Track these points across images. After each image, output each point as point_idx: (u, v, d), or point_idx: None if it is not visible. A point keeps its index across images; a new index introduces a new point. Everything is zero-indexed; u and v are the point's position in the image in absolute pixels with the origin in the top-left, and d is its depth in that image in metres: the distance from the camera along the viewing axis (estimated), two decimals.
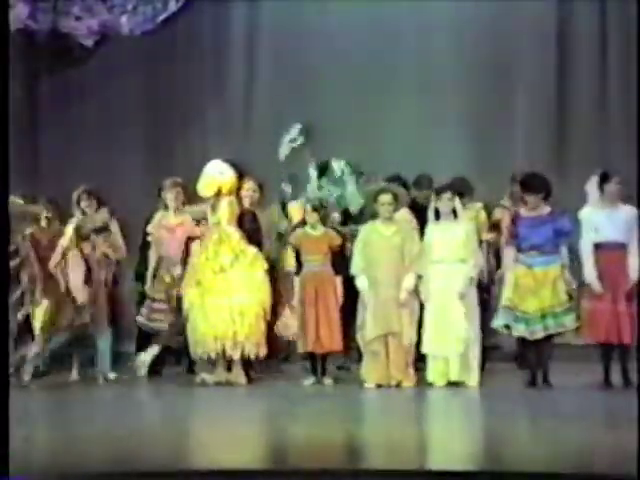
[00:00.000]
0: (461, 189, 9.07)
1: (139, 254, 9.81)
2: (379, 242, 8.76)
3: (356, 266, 8.78)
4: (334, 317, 8.83)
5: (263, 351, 8.87)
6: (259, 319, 8.86)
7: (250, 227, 9.30)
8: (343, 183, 9.59)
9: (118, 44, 11.30)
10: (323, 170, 9.74)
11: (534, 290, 8.40)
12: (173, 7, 11.19)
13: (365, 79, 11.40)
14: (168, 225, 9.46)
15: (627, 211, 8.54)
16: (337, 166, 9.64)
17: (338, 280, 8.90)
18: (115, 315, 9.58)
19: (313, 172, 9.69)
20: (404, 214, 9.10)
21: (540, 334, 8.38)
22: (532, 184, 8.57)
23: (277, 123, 10.49)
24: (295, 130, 9.78)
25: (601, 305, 8.39)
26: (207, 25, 11.79)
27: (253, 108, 11.84)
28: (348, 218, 9.57)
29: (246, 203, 9.47)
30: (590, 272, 8.43)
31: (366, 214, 9.15)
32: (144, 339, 9.46)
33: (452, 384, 8.52)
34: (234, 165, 9.13)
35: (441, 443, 6.49)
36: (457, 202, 8.80)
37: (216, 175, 9.02)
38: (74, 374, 9.30)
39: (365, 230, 8.90)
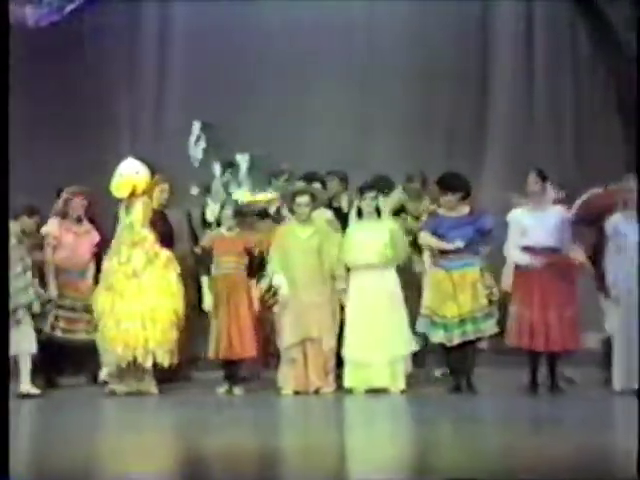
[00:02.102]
0: (384, 187, 8.96)
1: None
2: (295, 244, 8.60)
3: (271, 270, 8.60)
4: (247, 323, 8.61)
5: (175, 359, 8.62)
6: (172, 325, 8.60)
7: (161, 228, 9.06)
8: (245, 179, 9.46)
9: (22, 37, 10.80)
10: (228, 167, 9.58)
11: (453, 295, 8.28)
12: None
13: (286, 78, 11.42)
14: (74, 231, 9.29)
15: (557, 213, 8.35)
16: (242, 160, 9.55)
17: (253, 283, 8.69)
18: None
19: (217, 170, 9.51)
20: (324, 214, 9.00)
21: (457, 340, 8.26)
22: (450, 183, 8.42)
23: (189, 122, 10.15)
24: (196, 128, 9.58)
25: (528, 312, 8.24)
26: (117, 17, 11.68)
27: (165, 106, 11.83)
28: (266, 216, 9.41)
29: (155, 204, 9.28)
30: (506, 277, 8.39)
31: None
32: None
33: (374, 390, 8.37)
34: (147, 164, 8.89)
35: (360, 451, 6.41)
36: (381, 201, 8.65)
37: (131, 175, 8.73)
38: None
39: (281, 232, 8.75)
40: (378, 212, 8.62)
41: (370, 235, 8.50)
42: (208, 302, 8.61)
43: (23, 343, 8.45)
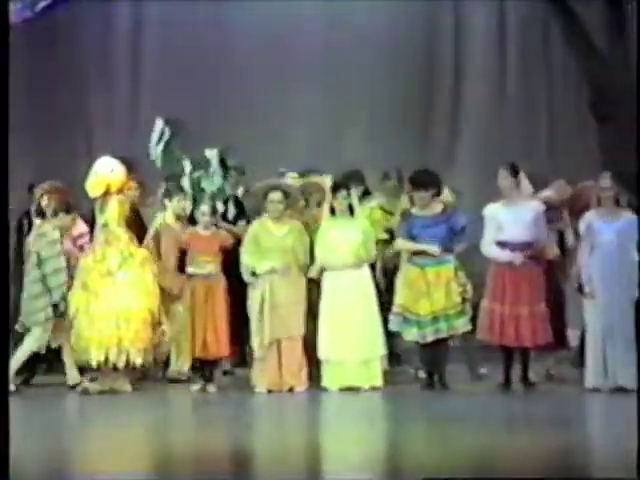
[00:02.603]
0: (356, 182, 8.98)
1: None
2: (269, 241, 8.59)
3: (245, 267, 8.59)
4: (222, 323, 8.61)
5: (149, 357, 8.62)
6: (146, 325, 8.60)
7: (134, 226, 9.01)
8: (215, 175, 9.46)
9: None
10: (198, 163, 9.52)
11: (426, 292, 8.32)
12: None
13: (264, 76, 11.51)
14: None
15: (533, 208, 8.36)
16: (210, 155, 9.54)
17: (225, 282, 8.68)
18: None
19: (187, 166, 9.51)
20: None
21: (430, 338, 8.29)
22: (422, 180, 8.45)
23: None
24: (158, 125, 9.51)
25: (499, 307, 8.29)
26: (90, 15, 11.76)
27: (139, 103, 11.93)
28: (241, 213, 9.42)
29: (136, 203, 9.32)
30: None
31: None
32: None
33: (350, 388, 8.40)
34: (123, 162, 8.89)
35: (332, 449, 6.49)
36: (354, 198, 8.66)
37: (106, 173, 8.73)
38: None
39: (253, 228, 8.72)
40: (351, 209, 8.62)
41: (343, 235, 8.53)
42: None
43: (62, 334, 8.65)
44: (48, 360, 9.30)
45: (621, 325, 8.12)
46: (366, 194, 9.29)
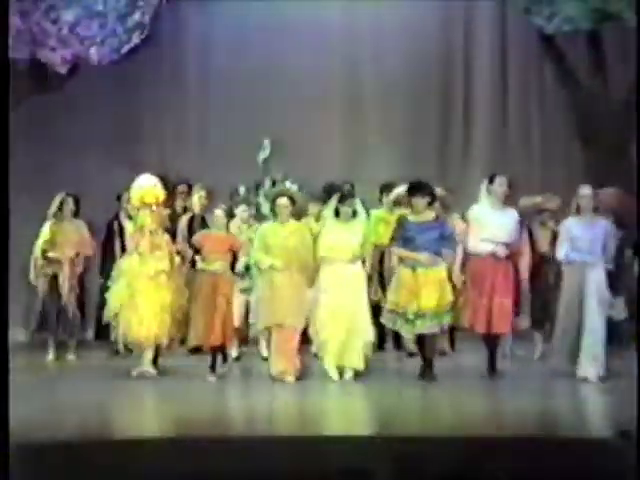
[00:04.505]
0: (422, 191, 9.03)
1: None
2: (275, 242, 8.84)
3: (255, 258, 8.89)
4: (226, 316, 8.84)
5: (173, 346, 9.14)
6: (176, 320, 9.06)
7: (200, 229, 9.80)
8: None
9: (88, 72, 11.97)
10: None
11: (416, 291, 8.53)
12: (136, 40, 11.85)
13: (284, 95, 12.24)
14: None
15: (511, 214, 8.90)
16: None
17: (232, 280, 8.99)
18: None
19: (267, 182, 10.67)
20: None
21: (419, 331, 8.58)
22: (419, 188, 8.69)
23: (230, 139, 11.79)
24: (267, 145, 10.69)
25: (480, 298, 8.72)
26: (166, 56, 12.69)
27: (208, 127, 12.71)
28: None
29: (197, 209, 10.32)
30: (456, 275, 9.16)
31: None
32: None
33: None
34: (162, 178, 9.38)
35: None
36: (358, 205, 9.01)
37: (151, 186, 9.06)
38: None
39: (263, 227, 9.08)
40: (354, 213, 8.97)
41: (344, 236, 8.84)
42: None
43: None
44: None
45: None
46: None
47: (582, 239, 8.73)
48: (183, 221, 10.46)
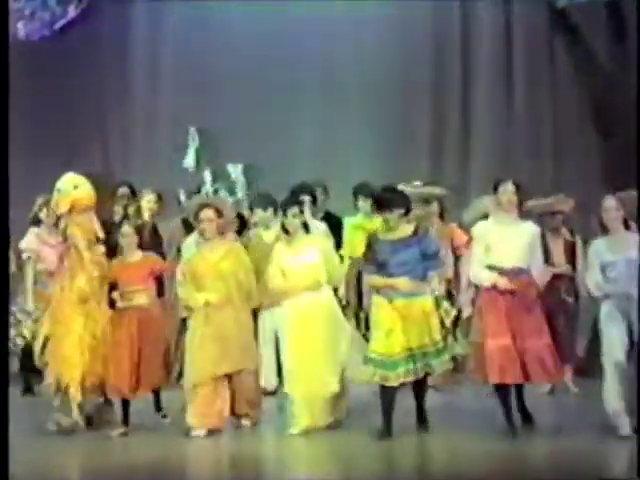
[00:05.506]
0: (310, 194, 8.42)
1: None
2: (204, 269, 7.41)
3: (184, 295, 7.52)
4: (157, 359, 7.50)
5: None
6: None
7: (151, 240, 9.06)
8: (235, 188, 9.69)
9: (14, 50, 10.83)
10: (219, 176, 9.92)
11: (396, 328, 6.97)
12: (72, 13, 11.43)
13: (270, 83, 11.58)
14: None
15: (527, 229, 7.23)
16: (233, 170, 9.85)
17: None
18: None
19: (208, 177, 9.78)
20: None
21: (401, 379, 6.95)
22: (388, 199, 7.12)
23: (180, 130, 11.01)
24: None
25: (495, 342, 6.95)
26: (106, 32, 11.97)
27: (155, 117, 12.05)
28: (244, 226, 9.01)
29: (146, 215, 9.44)
30: (465, 301, 8.18)
31: None
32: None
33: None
34: (97, 178, 8.17)
35: None
36: (307, 214, 7.71)
37: (69, 190, 7.72)
38: None
39: (186, 259, 7.79)
40: (306, 226, 7.44)
41: (298, 258, 7.31)
42: None
43: None
44: None
45: None
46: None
47: (617, 265, 7.02)
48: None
